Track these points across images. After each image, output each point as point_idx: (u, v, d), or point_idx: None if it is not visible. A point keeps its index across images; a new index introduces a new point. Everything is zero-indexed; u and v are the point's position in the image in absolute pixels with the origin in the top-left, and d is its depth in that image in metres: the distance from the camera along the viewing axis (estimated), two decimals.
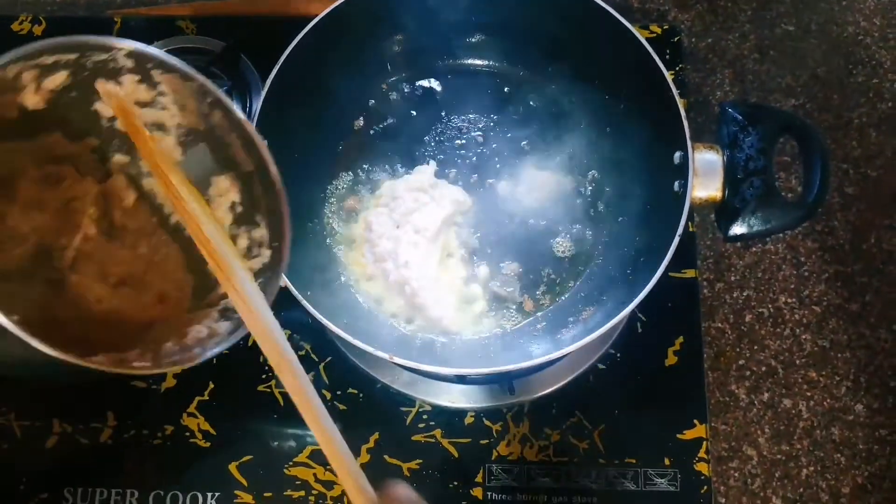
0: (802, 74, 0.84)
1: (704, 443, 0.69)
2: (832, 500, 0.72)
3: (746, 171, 0.57)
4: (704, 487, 0.68)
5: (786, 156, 0.81)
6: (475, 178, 0.70)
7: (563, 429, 0.69)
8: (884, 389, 0.75)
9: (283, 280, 0.57)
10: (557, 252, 0.68)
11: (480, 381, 0.69)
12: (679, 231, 0.57)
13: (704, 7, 0.87)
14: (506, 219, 0.69)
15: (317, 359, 0.71)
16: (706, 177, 0.58)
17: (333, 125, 0.71)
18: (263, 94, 0.59)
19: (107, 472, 0.68)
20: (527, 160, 0.70)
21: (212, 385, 0.70)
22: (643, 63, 0.61)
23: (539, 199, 0.69)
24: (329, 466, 0.67)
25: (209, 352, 0.41)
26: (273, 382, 0.70)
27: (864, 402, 0.75)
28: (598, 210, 0.69)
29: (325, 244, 0.69)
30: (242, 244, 0.44)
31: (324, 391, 0.70)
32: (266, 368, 0.70)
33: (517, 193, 0.70)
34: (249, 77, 0.78)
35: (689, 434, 0.69)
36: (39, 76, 0.36)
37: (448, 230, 0.68)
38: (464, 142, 0.71)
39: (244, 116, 0.44)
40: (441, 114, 0.72)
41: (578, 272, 0.68)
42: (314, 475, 0.68)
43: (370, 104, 0.72)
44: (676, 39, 0.81)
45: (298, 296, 0.56)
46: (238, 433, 0.69)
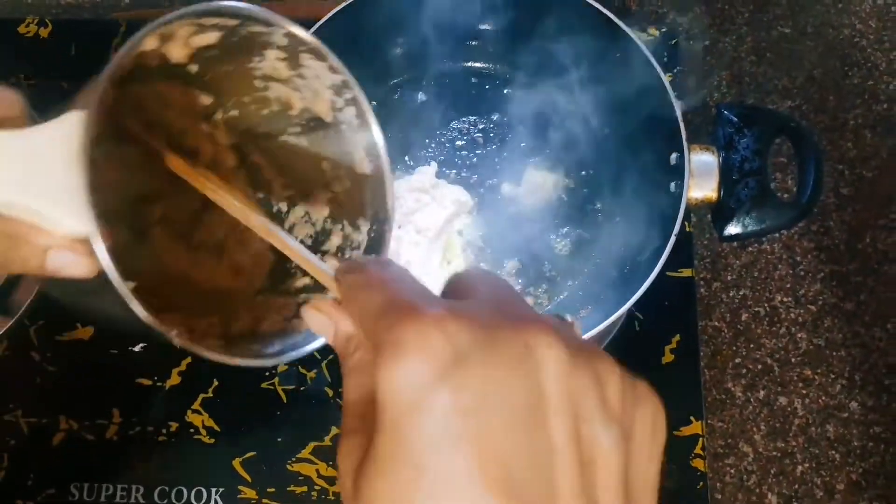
0: (799, 76, 0.86)
1: (700, 439, 0.70)
2: (827, 497, 0.73)
3: (741, 172, 0.58)
4: (700, 483, 0.69)
5: (782, 157, 0.82)
6: (475, 179, 0.71)
7: None
8: (878, 387, 0.76)
9: None
10: (556, 251, 0.69)
11: None
12: (675, 231, 0.57)
13: (702, 10, 0.88)
14: (505, 218, 0.70)
15: (319, 356, 0.72)
16: (702, 178, 0.59)
17: None
18: None
19: (113, 468, 0.69)
20: (526, 161, 0.71)
21: (216, 382, 0.71)
22: (640, 65, 0.62)
23: (538, 199, 0.70)
24: (332, 462, 0.69)
25: (283, 356, 0.38)
26: (276, 380, 0.71)
27: (859, 400, 0.76)
28: (596, 210, 0.70)
29: None
30: (335, 241, 0.43)
31: (326, 388, 0.71)
32: (270, 366, 0.71)
33: (516, 193, 0.71)
34: None
35: (686, 431, 0.70)
36: (194, 33, 0.35)
37: (450, 230, 0.69)
38: (464, 143, 0.72)
39: (376, 122, 0.43)
40: (441, 116, 0.73)
41: (577, 271, 0.69)
42: (317, 471, 0.69)
43: (371, 106, 0.73)
44: (674, 42, 0.82)
45: None
46: (242, 430, 0.70)
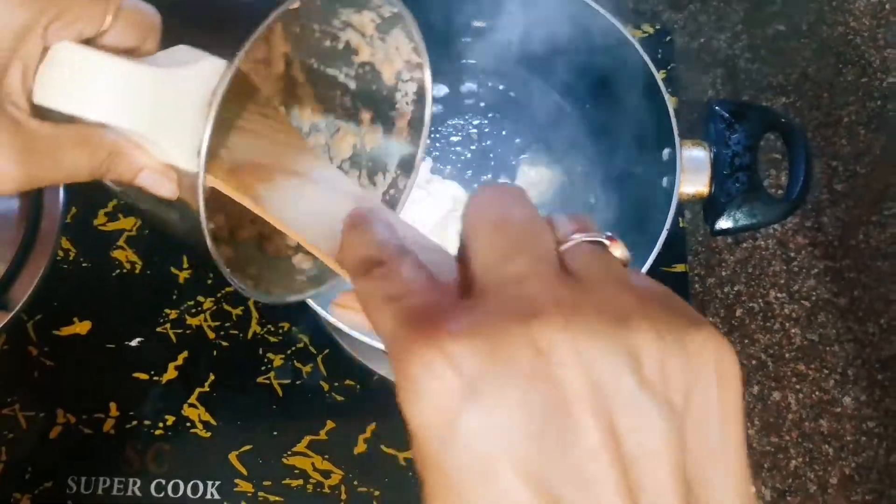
0: (793, 73, 0.86)
1: None
2: (820, 491, 0.74)
3: (733, 167, 0.59)
4: None
5: (776, 153, 0.83)
6: (470, 175, 0.72)
7: None
8: (871, 382, 0.76)
9: None
10: None
11: None
12: (667, 225, 0.58)
13: (697, 7, 0.88)
14: None
15: (315, 351, 0.72)
16: (694, 173, 0.60)
17: None
18: None
19: (110, 462, 0.70)
20: (520, 157, 0.72)
21: (212, 377, 0.72)
22: (634, 62, 0.63)
23: (533, 195, 0.71)
24: (327, 455, 0.69)
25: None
26: (272, 374, 0.72)
27: (852, 395, 0.76)
28: (591, 205, 0.71)
29: None
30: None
31: (321, 382, 0.71)
32: (265, 360, 0.72)
33: None
34: None
35: None
36: None
37: (445, 225, 0.70)
38: (459, 139, 0.72)
39: (431, 106, 0.44)
40: (436, 112, 0.73)
41: None
42: (312, 464, 0.69)
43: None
44: (668, 39, 0.82)
45: None
46: (238, 424, 0.71)
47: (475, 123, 0.73)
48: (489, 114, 0.73)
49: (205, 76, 0.31)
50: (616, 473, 0.19)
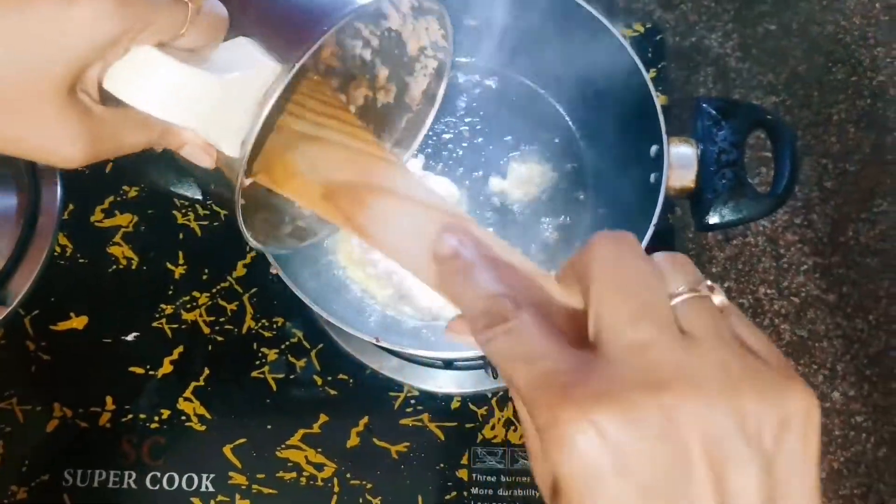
0: (783, 72, 0.87)
1: None
2: None
3: (719, 164, 0.60)
4: None
5: (767, 151, 0.83)
6: (461, 172, 0.73)
7: None
8: (860, 378, 0.77)
9: (276, 268, 0.60)
10: (542, 242, 0.71)
11: (466, 367, 0.71)
12: (654, 221, 0.59)
13: (689, 7, 0.89)
14: (491, 210, 0.71)
15: (309, 346, 0.73)
16: (681, 169, 0.60)
17: None
18: None
19: (105, 455, 0.70)
20: (511, 154, 0.72)
21: (207, 371, 0.72)
22: (622, 60, 0.64)
23: (524, 192, 0.72)
24: (320, 449, 0.70)
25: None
26: (267, 368, 0.73)
27: (841, 390, 0.77)
28: (581, 201, 0.72)
29: None
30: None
31: (315, 377, 0.72)
32: (260, 355, 0.73)
33: (503, 186, 0.72)
34: None
35: None
36: None
37: None
38: (451, 136, 0.73)
39: (446, 81, 0.47)
40: None
41: (562, 262, 0.70)
42: (305, 457, 0.70)
43: None
44: (659, 38, 0.83)
45: (289, 282, 0.59)
46: (232, 417, 0.71)
47: (467, 121, 0.74)
48: (480, 112, 0.74)
49: (259, 82, 0.35)
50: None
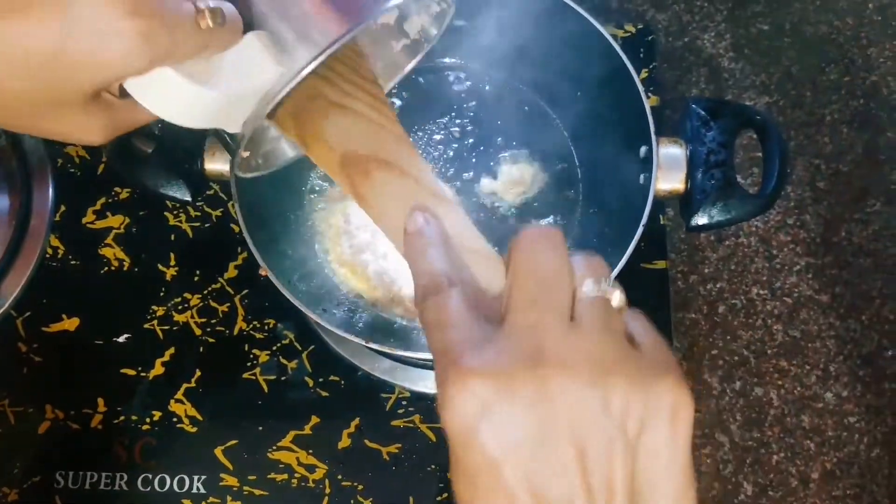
0: (776, 72, 0.87)
1: None
2: (802, 486, 0.75)
3: (708, 164, 0.59)
4: None
5: (759, 151, 0.83)
6: (452, 173, 0.72)
7: None
8: (852, 378, 0.77)
9: (264, 269, 0.60)
10: None
11: None
12: (643, 221, 0.59)
13: (682, 7, 0.89)
14: (481, 211, 0.71)
15: (300, 347, 0.73)
16: (670, 170, 0.60)
17: None
18: None
19: (97, 457, 0.70)
20: (502, 155, 0.72)
21: (198, 373, 0.73)
22: (612, 60, 0.64)
23: (515, 193, 0.72)
24: (311, 450, 0.70)
25: None
26: (258, 370, 0.73)
27: (834, 391, 0.77)
28: (571, 202, 0.72)
29: (306, 235, 0.71)
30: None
31: (306, 378, 0.72)
32: (251, 356, 0.73)
33: (494, 187, 0.72)
34: None
35: None
36: None
37: None
38: (441, 137, 0.73)
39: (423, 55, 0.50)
40: (418, 111, 0.74)
41: None
42: (297, 459, 0.70)
43: None
44: (651, 38, 0.83)
45: (279, 284, 0.59)
46: (224, 419, 0.71)
47: (457, 122, 0.74)
48: (470, 113, 0.74)
49: (265, 85, 0.37)
50: (580, 477, 0.27)
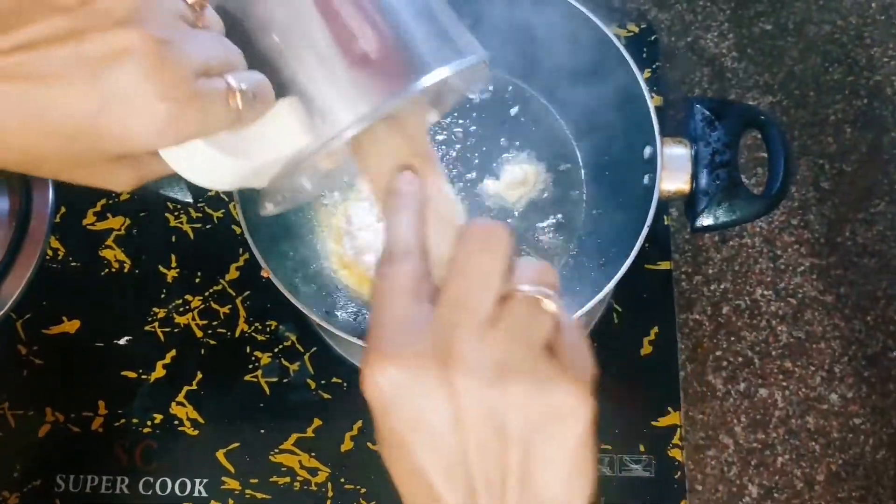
0: (780, 72, 0.86)
1: (678, 430, 0.71)
2: (807, 488, 0.74)
3: (713, 165, 0.59)
4: (678, 473, 0.70)
5: (764, 151, 0.83)
6: (455, 173, 0.72)
7: None
8: (858, 379, 0.77)
9: (266, 271, 0.59)
10: (535, 244, 0.70)
11: None
12: (648, 223, 0.58)
13: (684, 6, 0.89)
14: (485, 212, 0.71)
15: (302, 349, 0.73)
16: (674, 170, 0.60)
17: None
18: None
19: (98, 460, 0.70)
20: (505, 156, 0.72)
21: (200, 375, 0.72)
22: (615, 60, 0.63)
23: (517, 194, 0.71)
24: (314, 453, 0.70)
25: None
26: (260, 373, 0.72)
27: (839, 392, 0.77)
28: (574, 203, 0.71)
29: (308, 236, 0.71)
30: None
31: (308, 381, 0.72)
32: (253, 358, 0.72)
33: (497, 188, 0.72)
34: None
35: (664, 421, 0.71)
36: None
37: None
38: (444, 138, 0.73)
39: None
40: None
41: (556, 263, 0.70)
42: (299, 462, 0.70)
43: None
44: (653, 38, 0.83)
45: (281, 286, 0.58)
46: (225, 422, 0.71)
47: (460, 123, 0.73)
48: (473, 113, 0.73)
49: (291, 152, 0.37)
50: (484, 470, 0.30)
